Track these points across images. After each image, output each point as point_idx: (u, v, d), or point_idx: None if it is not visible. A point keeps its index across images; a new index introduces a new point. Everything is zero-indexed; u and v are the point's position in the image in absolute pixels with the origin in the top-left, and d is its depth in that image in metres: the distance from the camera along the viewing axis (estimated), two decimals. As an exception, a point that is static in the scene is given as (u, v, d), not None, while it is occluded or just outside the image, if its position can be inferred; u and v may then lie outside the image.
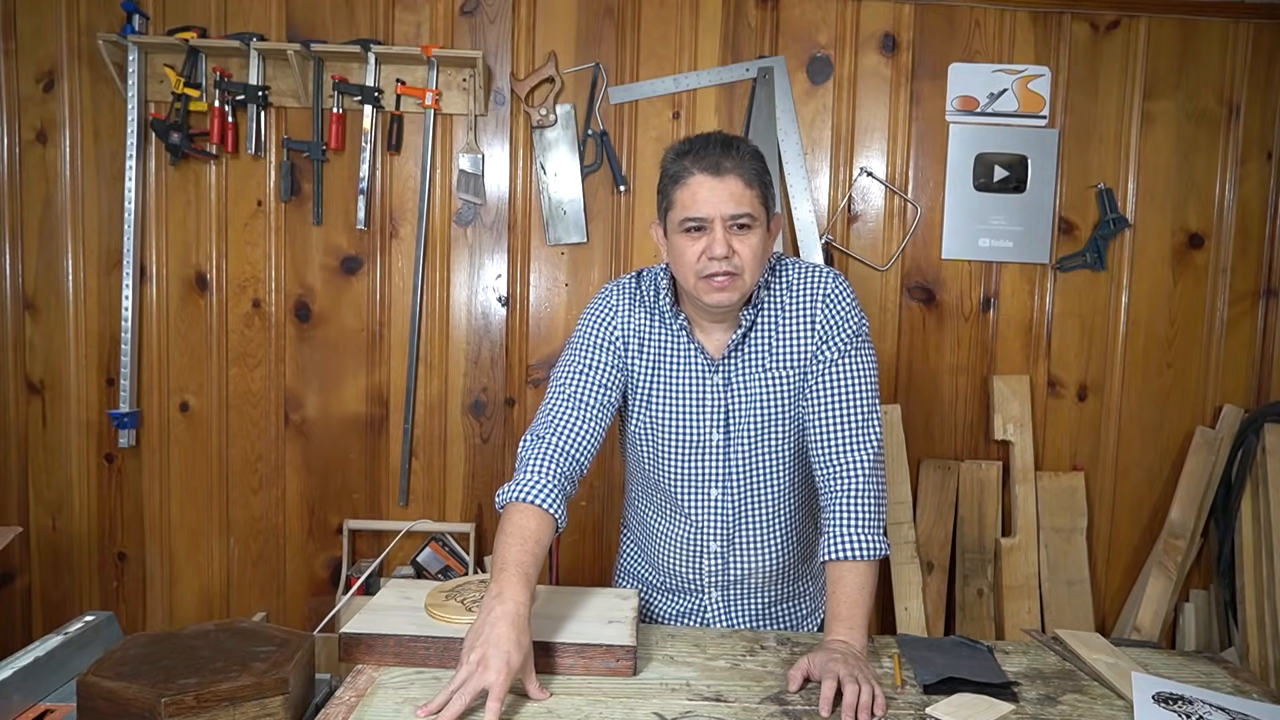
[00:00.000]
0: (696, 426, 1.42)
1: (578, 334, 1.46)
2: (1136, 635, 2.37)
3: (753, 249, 1.31)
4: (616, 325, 1.44)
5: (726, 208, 1.29)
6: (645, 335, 1.44)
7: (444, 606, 1.29)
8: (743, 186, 1.30)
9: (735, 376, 1.41)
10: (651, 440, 1.45)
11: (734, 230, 1.30)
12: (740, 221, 1.30)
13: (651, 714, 1.09)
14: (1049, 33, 2.40)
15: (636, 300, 1.45)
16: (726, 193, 1.29)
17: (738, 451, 1.42)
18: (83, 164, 2.39)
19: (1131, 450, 2.50)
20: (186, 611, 2.48)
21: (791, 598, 1.56)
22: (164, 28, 2.33)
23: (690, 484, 1.45)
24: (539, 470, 1.30)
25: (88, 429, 2.44)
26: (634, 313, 1.45)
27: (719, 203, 1.29)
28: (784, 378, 1.40)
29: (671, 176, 1.34)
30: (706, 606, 1.52)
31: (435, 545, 2.41)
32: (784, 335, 1.40)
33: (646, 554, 1.57)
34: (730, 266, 1.30)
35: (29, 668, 1.12)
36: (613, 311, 1.45)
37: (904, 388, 2.47)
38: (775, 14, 2.39)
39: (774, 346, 1.40)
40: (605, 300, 1.47)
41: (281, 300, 2.42)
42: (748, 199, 1.30)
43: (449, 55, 2.29)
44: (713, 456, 1.43)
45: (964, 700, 1.15)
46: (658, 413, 1.43)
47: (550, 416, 1.38)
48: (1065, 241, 2.45)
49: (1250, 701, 1.18)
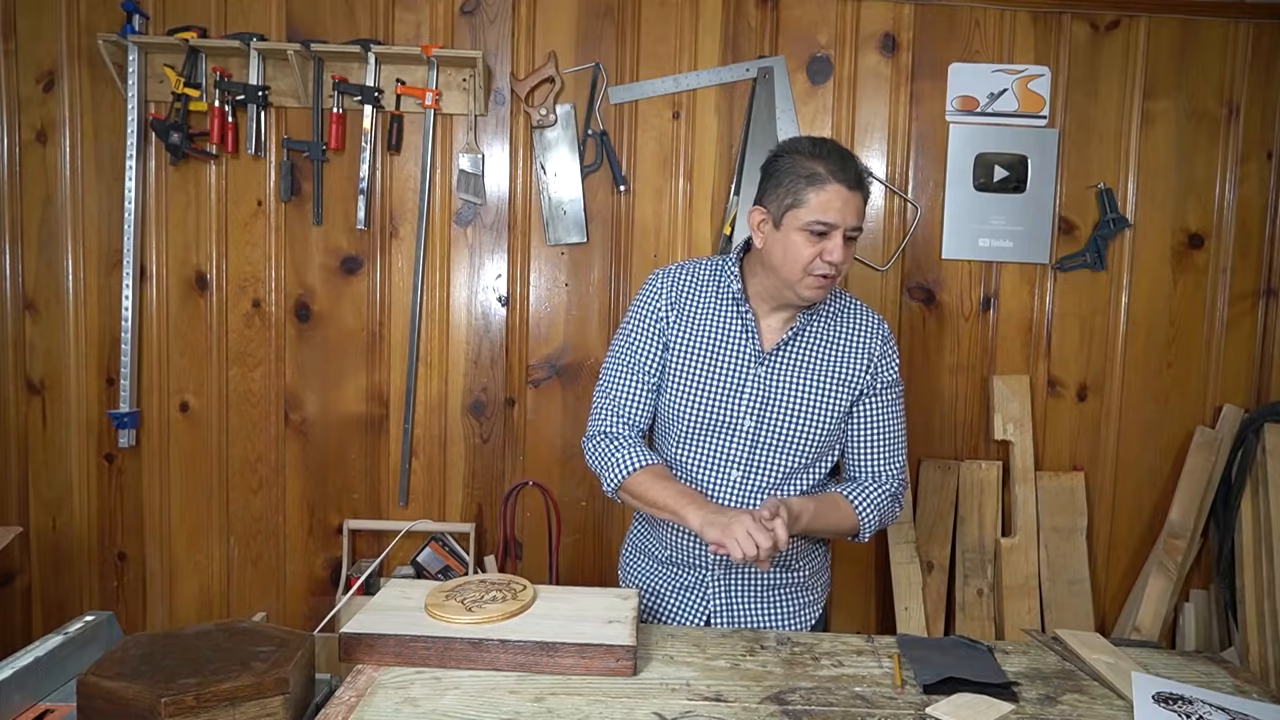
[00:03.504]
0: (731, 410, 1.51)
1: (630, 312, 1.61)
2: (1136, 635, 2.37)
3: (850, 258, 1.47)
4: (661, 302, 1.56)
5: (851, 220, 1.43)
6: (699, 309, 1.55)
7: (444, 606, 1.29)
8: (863, 203, 1.46)
9: (779, 371, 1.52)
10: (684, 413, 1.53)
11: (846, 240, 1.44)
12: (852, 234, 1.45)
13: (651, 714, 1.10)
14: (1049, 33, 2.40)
15: (694, 277, 1.58)
16: (855, 207, 1.43)
17: (765, 441, 1.51)
18: (83, 164, 2.39)
19: (1131, 450, 2.50)
20: (186, 611, 2.48)
21: (791, 585, 1.59)
22: (164, 28, 2.33)
23: (713, 463, 1.53)
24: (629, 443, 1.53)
25: (88, 429, 2.44)
26: (690, 288, 1.57)
27: (849, 214, 1.43)
28: (825, 388, 1.53)
29: (807, 177, 1.43)
30: (707, 584, 1.56)
31: (435, 545, 2.41)
32: (834, 350, 1.55)
33: (654, 526, 1.61)
34: (836, 270, 1.45)
35: (29, 668, 1.12)
36: (657, 291, 1.57)
37: (904, 388, 2.46)
38: (775, 14, 2.39)
39: (822, 356, 1.54)
40: (653, 284, 1.58)
41: (281, 300, 2.42)
42: (862, 215, 1.46)
43: (449, 55, 2.29)
44: (740, 441, 1.51)
45: (964, 700, 1.16)
46: (697, 389, 1.52)
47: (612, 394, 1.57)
48: (1065, 241, 2.45)
49: (1250, 701, 1.18)
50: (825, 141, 1.46)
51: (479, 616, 1.25)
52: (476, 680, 1.17)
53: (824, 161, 1.42)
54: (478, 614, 1.26)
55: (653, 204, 2.40)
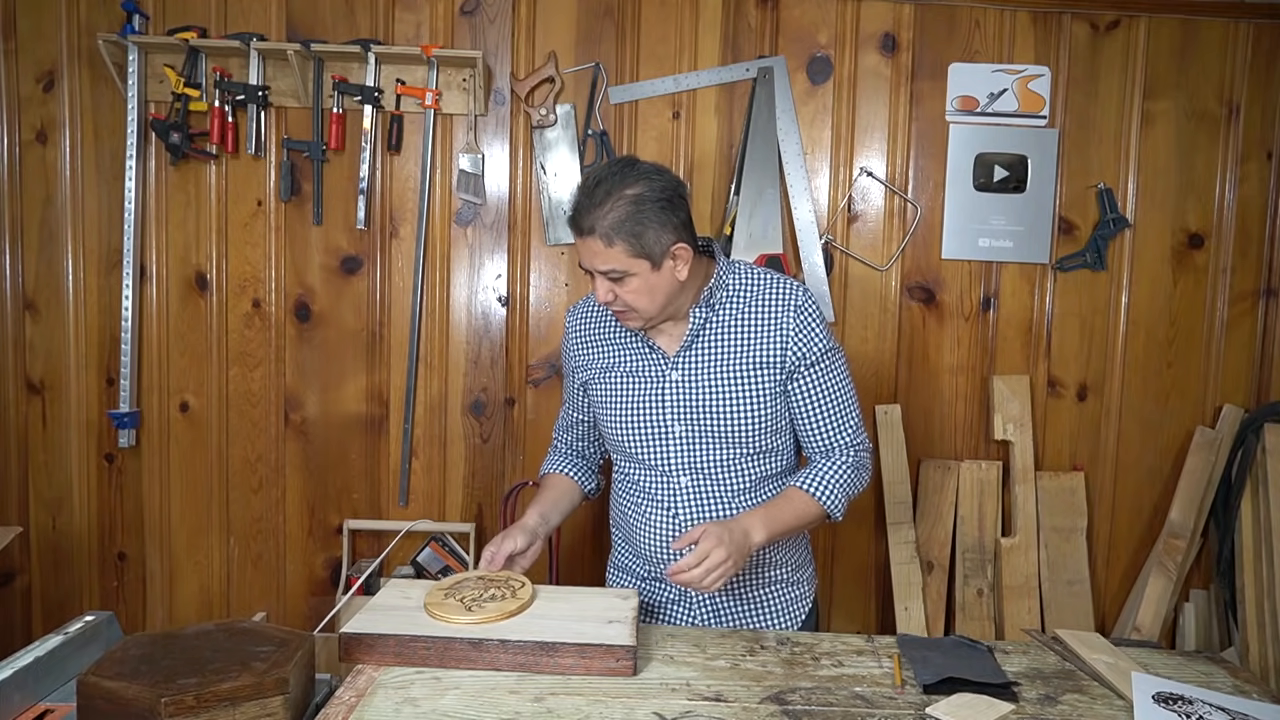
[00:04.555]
0: (657, 419, 1.51)
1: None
2: (1136, 635, 2.37)
3: (635, 291, 1.43)
4: (570, 344, 1.65)
5: (595, 262, 1.42)
6: (602, 339, 1.60)
7: (443, 605, 1.29)
8: (602, 247, 1.39)
9: (694, 371, 1.50)
10: (617, 433, 1.55)
11: (611, 280, 1.43)
12: (611, 275, 1.42)
13: (651, 714, 1.10)
14: (1049, 33, 2.40)
15: (592, 310, 1.63)
16: (590, 251, 1.42)
17: (702, 442, 1.50)
18: (83, 164, 2.39)
19: (1131, 450, 2.50)
20: (186, 611, 2.48)
21: (776, 584, 1.59)
22: (164, 28, 2.33)
23: (659, 475, 1.54)
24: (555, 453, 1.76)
25: (88, 429, 2.44)
26: (590, 323, 1.63)
27: (590, 257, 1.42)
28: (746, 374, 1.49)
29: None
30: (691, 595, 1.56)
31: (435, 545, 2.41)
32: (746, 335, 1.50)
33: (631, 544, 1.63)
34: (619, 306, 1.45)
35: (29, 668, 1.12)
36: (569, 331, 1.67)
37: (904, 388, 2.47)
38: (775, 14, 2.39)
39: (735, 344, 1.50)
40: (567, 326, 1.68)
41: (281, 300, 2.42)
42: (608, 257, 1.40)
43: (449, 55, 2.29)
44: (676, 447, 1.51)
45: (964, 700, 1.16)
46: (619, 408, 1.54)
47: (561, 416, 1.75)
48: (1065, 241, 2.45)
49: (1250, 701, 1.18)
50: (591, 177, 1.42)
51: (478, 617, 1.25)
52: (476, 680, 1.17)
53: (570, 215, 1.43)
54: (476, 614, 1.26)
55: (653, 204, 2.40)
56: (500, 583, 1.38)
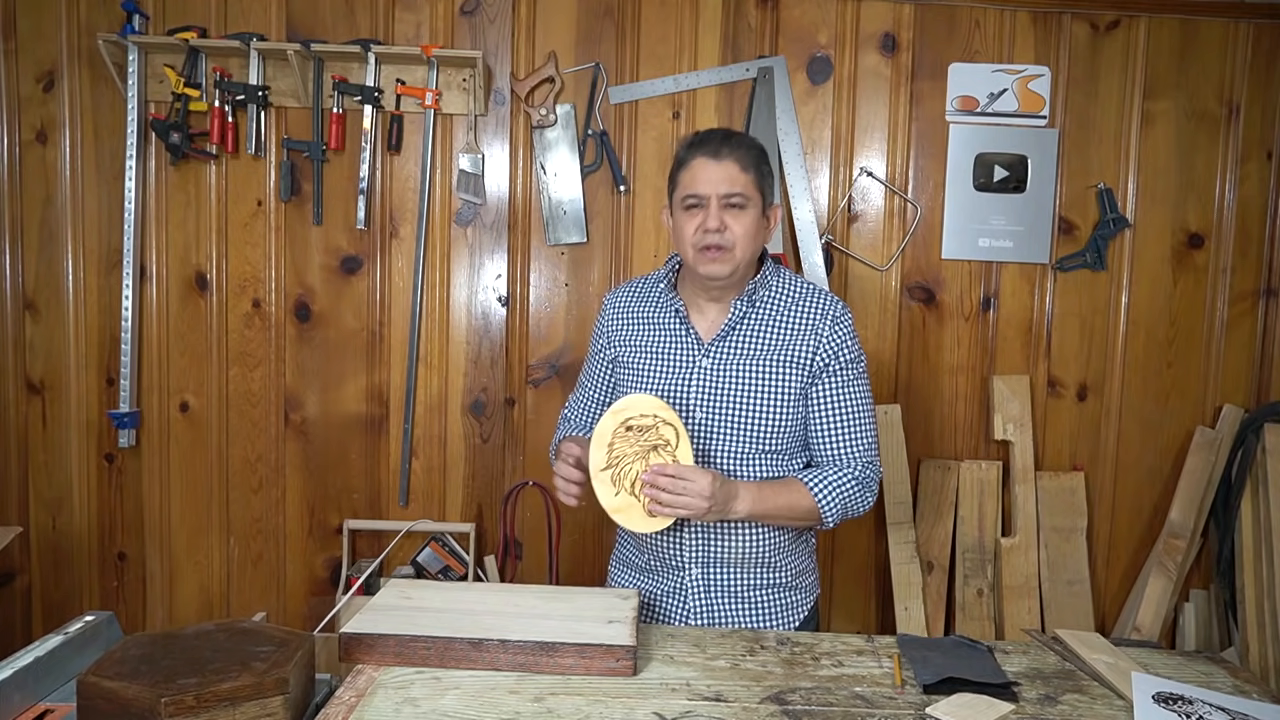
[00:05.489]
0: (681, 402, 1.52)
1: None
2: (1136, 635, 2.37)
3: (745, 226, 1.47)
4: (606, 321, 1.66)
5: (721, 187, 1.45)
6: (641, 319, 1.61)
7: (599, 479, 1.43)
8: (738, 170, 1.46)
9: (725, 362, 1.52)
10: None
11: (727, 208, 1.46)
12: (733, 200, 1.46)
13: (651, 714, 1.10)
14: (1049, 33, 2.40)
15: (634, 292, 1.65)
16: (723, 174, 1.45)
17: (719, 432, 1.51)
18: (83, 164, 2.39)
19: (1131, 450, 2.50)
20: (186, 611, 2.48)
21: (774, 586, 1.58)
22: (164, 28, 2.33)
23: None
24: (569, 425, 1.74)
25: (88, 429, 2.44)
26: (630, 303, 1.64)
27: (716, 182, 1.45)
28: (775, 375, 1.51)
29: (679, 162, 1.52)
30: (686, 587, 1.56)
31: (435, 545, 2.41)
32: (781, 336, 1.52)
33: (633, 535, 1.62)
34: (722, 240, 1.45)
35: (29, 668, 1.12)
36: (606, 309, 1.67)
37: (904, 388, 2.47)
38: (775, 14, 2.39)
39: (769, 343, 1.52)
40: (604, 306, 1.68)
41: (281, 300, 2.42)
42: (742, 181, 1.46)
43: (449, 55, 2.29)
44: (694, 434, 1.51)
45: (964, 700, 1.15)
46: (645, 386, 1.54)
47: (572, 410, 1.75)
48: (1065, 241, 2.45)
49: (1250, 701, 1.18)
50: (711, 131, 1.53)
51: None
52: (476, 680, 1.17)
53: (693, 147, 1.50)
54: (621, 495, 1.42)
55: (653, 204, 2.40)
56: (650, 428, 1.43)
